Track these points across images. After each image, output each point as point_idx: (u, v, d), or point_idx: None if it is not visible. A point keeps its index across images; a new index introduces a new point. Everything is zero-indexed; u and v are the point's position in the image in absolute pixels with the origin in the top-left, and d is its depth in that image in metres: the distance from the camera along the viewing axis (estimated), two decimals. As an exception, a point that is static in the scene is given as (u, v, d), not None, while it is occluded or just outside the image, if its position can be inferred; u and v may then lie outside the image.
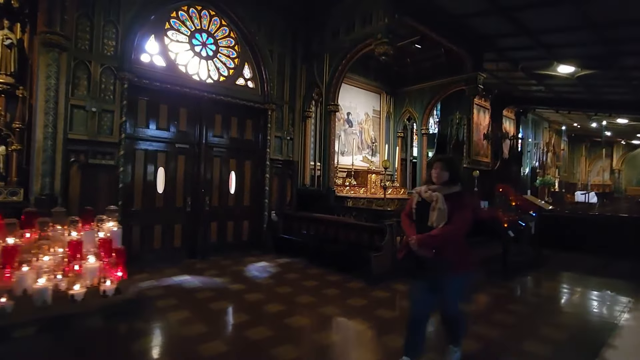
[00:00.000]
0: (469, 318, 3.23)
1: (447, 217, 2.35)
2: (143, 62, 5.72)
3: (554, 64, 8.68)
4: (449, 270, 2.38)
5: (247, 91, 7.02)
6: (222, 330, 3.35)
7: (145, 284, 4.64)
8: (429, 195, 2.48)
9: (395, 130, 9.75)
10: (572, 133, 18.94)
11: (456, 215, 2.36)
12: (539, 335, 3.43)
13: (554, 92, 11.48)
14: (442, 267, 2.38)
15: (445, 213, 2.36)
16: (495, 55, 8.53)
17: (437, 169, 2.50)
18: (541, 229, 6.82)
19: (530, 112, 15.26)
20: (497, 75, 10.33)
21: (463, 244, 2.48)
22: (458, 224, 2.35)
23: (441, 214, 2.37)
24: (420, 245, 2.40)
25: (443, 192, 2.43)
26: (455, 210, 2.37)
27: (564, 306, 4.51)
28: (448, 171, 2.49)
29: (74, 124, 4.95)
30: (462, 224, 2.36)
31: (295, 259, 6.20)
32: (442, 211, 2.37)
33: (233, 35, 6.86)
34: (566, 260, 6.84)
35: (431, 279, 2.45)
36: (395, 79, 9.58)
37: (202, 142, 6.41)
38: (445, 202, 2.38)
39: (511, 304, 4.31)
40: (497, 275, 5.44)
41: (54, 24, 3.92)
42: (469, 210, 2.42)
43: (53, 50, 3.94)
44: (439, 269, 2.38)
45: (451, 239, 2.38)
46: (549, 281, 5.56)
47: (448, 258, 2.37)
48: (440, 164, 2.52)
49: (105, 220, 2.69)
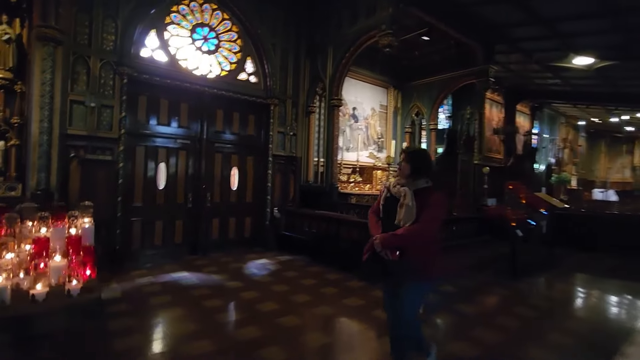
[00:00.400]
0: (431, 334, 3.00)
1: (415, 215, 2.12)
2: (143, 56, 5.67)
3: (571, 55, 8.29)
4: (410, 275, 2.14)
5: (250, 86, 6.92)
6: (211, 330, 3.27)
7: (143, 280, 4.63)
8: (397, 190, 2.24)
9: (403, 126, 9.52)
10: (591, 128, 18.23)
11: (424, 214, 2.11)
12: (545, 341, 3.23)
13: (571, 85, 11.02)
14: (403, 271, 2.15)
15: (413, 211, 2.13)
16: (507, 47, 8.21)
17: (402, 161, 2.30)
18: (554, 228, 6.52)
19: (546, 106, 14.74)
20: (510, 68, 9.97)
21: (431, 247, 2.22)
22: (426, 223, 2.10)
23: (409, 211, 2.13)
24: (383, 245, 2.16)
25: (412, 188, 2.18)
26: (424, 208, 2.12)
27: (574, 310, 4.28)
28: (409, 163, 2.23)
29: (74, 119, 4.95)
30: (430, 224, 2.12)
31: (297, 257, 6.11)
32: (410, 208, 2.13)
33: (235, 29, 6.76)
34: (580, 261, 6.54)
35: (395, 284, 2.25)
36: (403, 72, 9.34)
37: (204, 137, 6.35)
38: (415, 199, 2.15)
39: (517, 307, 4.10)
40: (504, 276, 5.22)
41: (48, 17, 3.89)
42: (438, 208, 2.19)
43: (48, 44, 3.91)
44: (401, 273, 2.16)
45: (418, 240, 2.14)
46: (559, 283, 5.30)
47: (411, 261, 2.12)
48: (403, 156, 2.31)
49: (79, 217, 2.62)
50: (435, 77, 8.82)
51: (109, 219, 5.19)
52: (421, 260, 2.13)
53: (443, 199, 2.21)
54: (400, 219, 2.16)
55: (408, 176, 2.22)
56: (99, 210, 5.09)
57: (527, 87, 12.05)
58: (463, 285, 4.82)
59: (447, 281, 4.73)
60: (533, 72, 10.29)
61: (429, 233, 2.14)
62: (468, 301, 4.24)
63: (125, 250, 5.39)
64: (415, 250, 2.12)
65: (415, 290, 2.20)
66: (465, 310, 4.02)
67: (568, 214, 7.19)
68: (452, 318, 3.79)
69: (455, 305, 4.14)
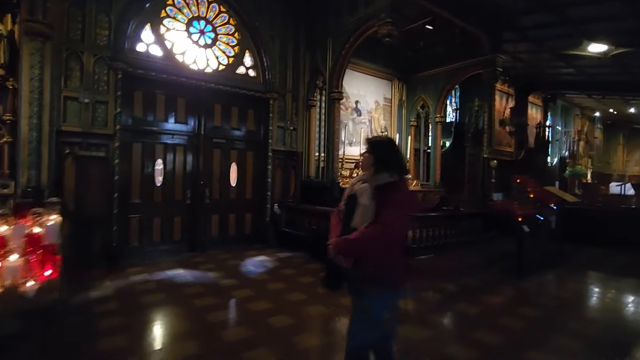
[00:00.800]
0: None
1: (373, 215, 1.80)
2: (138, 51, 5.59)
3: (584, 42, 7.91)
4: (367, 284, 1.84)
5: (248, 80, 6.80)
6: (199, 330, 3.17)
7: (137, 278, 4.58)
8: (358, 187, 1.94)
9: (408, 119, 9.26)
10: (608, 120, 17.56)
11: (384, 214, 1.78)
12: (549, 345, 3.04)
13: (585, 74, 10.56)
14: (359, 279, 1.85)
15: (370, 210, 1.81)
16: (515, 35, 7.87)
17: (364, 152, 2.01)
18: (564, 223, 6.26)
19: (560, 97, 14.23)
20: (519, 57, 9.61)
21: (393, 252, 1.88)
22: (384, 224, 1.77)
23: (365, 211, 1.82)
24: (336, 250, 1.87)
25: (374, 183, 1.84)
26: (384, 207, 1.79)
27: (583, 310, 4.04)
28: (372, 155, 1.91)
29: (68, 116, 4.92)
30: (389, 225, 1.77)
31: (297, 253, 5.99)
32: (366, 208, 1.82)
33: (232, 22, 6.63)
34: (591, 258, 6.25)
35: (353, 294, 1.96)
36: (407, 64, 9.07)
37: (201, 133, 6.26)
38: (376, 197, 1.82)
39: (522, 307, 3.89)
40: (510, 274, 5.00)
41: (36, 12, 3.83)
42: (400, 207, 1.82)
43: (36, 39, 3.86)
44: (357, 281, 1.87)
45: (375, 244, 1.80)
46: (568, 281, 5.06)
47: (368, 269, 1.82)
48: (366, 147, 2.00)
49: (44, 214, 2.54)
50: (440, 68, 8.53)
51: (105, 216, 5.16)
52: (380, 267, 1.83)
53: (407, 196, 1.95)
54: (357, 221, 1.84)
55: (370, 170, 1.90)
56: (94, 207, 5.13)
57: (538, 78, 11.63)
58: (466, 284, 4.63)
59: (418, 291, 4.39)
60: (544, 61, 9.90)
61: (388, 235, 1.79)
62: (470, 301, 4.06)
63: (122, 247, 5.36)
64: (373, 255, 1.82)
65: (374, 301, 1.86)
66: (466, 310, 3.84)
67: (579, 209, 6.88)
68: (452, 319, 3.63)
69: (456, 305, 3.97)
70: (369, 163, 1.91)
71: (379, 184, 1.82)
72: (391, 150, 1.94)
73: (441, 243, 5.55)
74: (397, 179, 1.85)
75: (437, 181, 8.71)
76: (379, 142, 2.00)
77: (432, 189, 8.48)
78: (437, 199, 8.28)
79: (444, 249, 5.53)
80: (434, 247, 5.42)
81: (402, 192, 1.88)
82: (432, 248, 5.40)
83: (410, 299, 4.24)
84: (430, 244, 5.40)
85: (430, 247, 5.39)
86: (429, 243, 5.39)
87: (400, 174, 1.89)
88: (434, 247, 5.42)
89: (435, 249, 5.44)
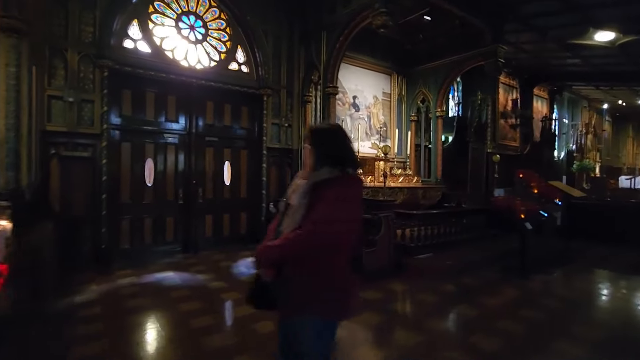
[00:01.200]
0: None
1: (302, 218, 1.45)
2: (125, 48, 5.44)
3: (590, 30, 7.60)
4: (292, 305, 1.47)
5: (241, 76, 6.62)
6: (179, 336, 3.02)
7: (125, 281, 4.45)
8: (294, 184, 1.63)
9: (408, 114, 9.03)
10: (616, 112, 17.11)
11: (313, 214, 1.43)
12: (552, 350, 2.84)
13: (592, 65, 10.22)
14: (283, 298, 1.49)
15: (299, 212, 1.46)
16: (518, 25, 7.60)
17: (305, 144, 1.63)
18: (570, 219, 6.00)
19: (566, 89, 13.84)
20: (523, 48, 9.31)
21: (329, 267, 1.46)
22: (308, 228, 1.40)
23: (294, 213, 1.48)
24: (257, 259, 1.53)
25: (313, 180, 1.48)
26: (315, 207, 1.44)
27: (591, 312, 3.79)
28: (313, 147, 1.56)
29: (53, 116, 4.80)
30: (318, 228, 1.39)
31: (292, 253, 5.81)
32: (295, 209, 1.48)
33: (224, 16, 6.46)
34: (599, 255, 5.98)
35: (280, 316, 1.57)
36: (407, 57, 8.82)
37: (193, 131, 6.11)
38: (310, 195, 1.47)
39: (523, 309, 3.68)
40: (513, 273, 4.78)
41: (10, 7, 3.68)
42: (335, 206, 1.42)
43: (11, 35, 3.71)
44: (282, 300, 1.50)
45: (302, 252, 1.42)
46: (575, 280, 4.82)
47: (292, 284, 1.46)
48: (306, 137, 1.65)
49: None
50: (441, 60, 8.28)
51: (94, 218, 5.04)
52: (308, 282, 1.44)
53: (351, 194, 1.50)
54: (285, 225, 1.51)
55: (311, 164, 1.55)
56: (82, 209, 5.01)
57: (544, 69, 11.30)
58: (466, 284, 4.42)
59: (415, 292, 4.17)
60: (549, 52, 9.58)
61: (318, 241, 1.40)
62: (469, 302, 3.85)
63: (112, 249, 5.23)
64: (299, 267, 1.44)
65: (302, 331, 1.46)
66: (465, 312, 3.64)
67: (586, 204, 6.60)
68: (449, 322, 3.42)
69: (454, 307, 3.77)
70: (310, 156, 1.56)
71: (317, 180, 1.47)
72: (336, 140, 1.57)
73: (441, 241, 5.33)
74: (341, 174, 1.49)
75: (438, 177, 8.48)
76: (320, 131, 1.63)
77: (434, 185, 8.25)
78: (439, 195, 8.07)
79: (444, 248, 5.31)
80: (432, 245, 5.21)
81: (344, 189, 1.47)
82: (431, 247, 5.19)
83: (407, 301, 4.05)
84: (429, 242, 5.19)
85: (429, 245, 5.18)
86: (427, 242, 5.18)
87: (345, 168, 1.52)
88: (432, 245, 5.21)
89: (435, 247, 5.23)
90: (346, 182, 1.49)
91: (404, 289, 4.28)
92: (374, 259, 4.44)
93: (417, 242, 5.07)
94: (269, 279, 1.49)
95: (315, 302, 1.44)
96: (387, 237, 4.60)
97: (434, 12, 7.01)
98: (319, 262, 1.44)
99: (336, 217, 1.41)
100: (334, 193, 1.43)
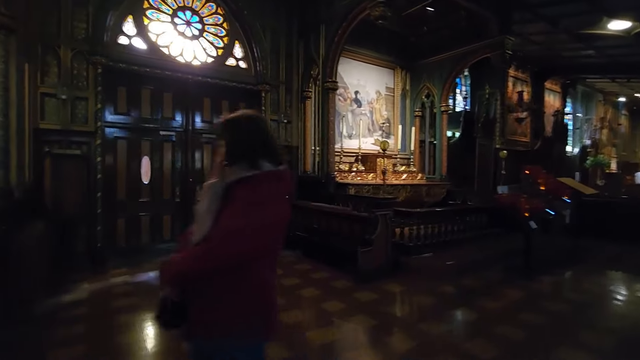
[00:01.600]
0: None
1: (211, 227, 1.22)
2: (120, 44, 5.38)
3: (603, 19, 7.24)
4: (197, 328, 1.26)
5: (239, 72, 6.51)
6: (159, 339, 2.93)
7: (118, 280, 4.41)
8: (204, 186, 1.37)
9: (412, 109, 8.79)
10: (634, 105, 16.45)
11: (221, 222, 1.20)
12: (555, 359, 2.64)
13: (607, 55, 9.77)
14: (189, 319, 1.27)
15: (207, 219, 1.23)
16: (527, 15, 7.28)
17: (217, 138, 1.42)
18: (582, 217, 5.73)
19: (580, 82, 13.35)
20: (533, 39, 8.95)
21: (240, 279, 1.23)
22: (207, 245, 1.18)
23: (201, 221, 1.25)
24: (161, 277, 1.30)
25: (227, 180, 1.25)
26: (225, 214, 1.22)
27: (600, 318, 3.54)
28: (225, 139, 1.33)
29: (46, 113, 4.77)
30: (215, 245, 1.17)
31: (290, 252, 5.70)
32: (203, 216, 1.25)
33: (221, 11, 6.35)
34: (611, 255, 5.70)
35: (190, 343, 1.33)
36: (411, 51, 8.57)
37: (189, 128, 6.04)
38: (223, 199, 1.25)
39: (525, 312, 3.48)
40: (517, 274, 4.56)
41: (-4, 3, 3.66)
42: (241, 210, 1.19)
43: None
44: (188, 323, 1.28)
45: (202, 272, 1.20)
46: (584, 281, 4.57)
47: (200, 305, 1.24)
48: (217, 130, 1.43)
49: None
50: (446, 53, 8.00)
51: (89, 216, 5.01)
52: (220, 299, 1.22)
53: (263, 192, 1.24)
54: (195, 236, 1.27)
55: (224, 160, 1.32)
56: (76, 207, 4.98)
57: (555, 62, 10.87)
58: (465, 285, 4.24)
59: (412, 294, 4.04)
60: (561, 43, 9.19)
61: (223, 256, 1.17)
62: (467, 304, 3.68)
63: (108, 248, 5.19)
64: (207, 282, 1.21)
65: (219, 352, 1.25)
66: (462, 316, 3.47)
67: (598, 201, 6.30)
68: (444, 326, 3.25)
69: (451, 310, 3.59)
70: (223, 151, 1.33)
71: (229, 180, 1.24)
72: (251, 131, 1.33)
73: (441, 240, 5.14)
74: (259, 172, 1.26)
75: (443, 174, 8.24)
76: (232, 122, 1.36)
77: (438, 182, 8.02)
78: (443, 192, 7.84)
79: (445, 247, 5.12)
80: (433, 244, 5.02)
81: (260, 189, 1.24)
82: (431, 246, 5.01)
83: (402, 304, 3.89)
84: (429, 241, 5.01)
85: (429, 245, 5.00)
86: (427, 241, 5.00)
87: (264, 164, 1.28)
88: (433, 244, 5.02)
89: (436, 246, 5.05)
90: (264, 181, 1.26)
91: (400, 290, 4.11)
92: (370, 258, 4.28)
93: (416, 241, 4.89)
94: (174, 297, 1.25)
95: (231, 321, 1.23)
96: (384, 236, 4.43)
97: (439, 3, 6.76)
98: (234, 276, 1.22)
99: (250, 224, 1.17)
100: (247, 195, 1.21)
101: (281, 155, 1.37)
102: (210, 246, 1.17)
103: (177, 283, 1.26)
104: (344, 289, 4.04)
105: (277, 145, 1.38)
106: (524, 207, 4.39)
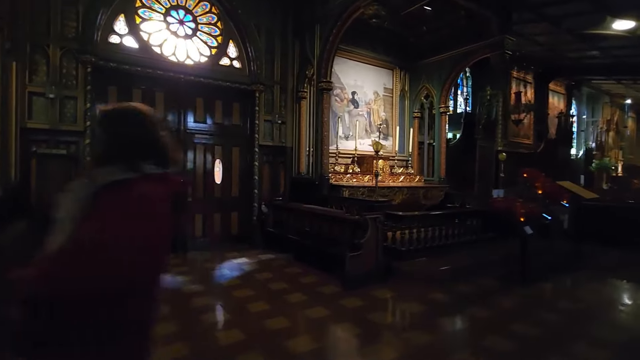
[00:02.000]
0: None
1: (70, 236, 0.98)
2: (111, 43, 5.33)
3: (607, 19, 7.06)
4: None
5: (233, 72, 6.43)
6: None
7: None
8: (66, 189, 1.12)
9: (411, 110, 8.65)
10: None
11: (78, 232, 0.96)
12: (541, 374, 2.50)
13: (612, 56, 9.57)
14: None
15: (66, 230, 0.99)
16: (529, 14, 7.13)
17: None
18: (582, 222, 5.56)
19: (585, 84, 13.11)
20: (536, 40, 8.78)
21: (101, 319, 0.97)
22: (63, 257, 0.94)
23: (60, 229, 1.00)
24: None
25: (98, 182, 1.01)
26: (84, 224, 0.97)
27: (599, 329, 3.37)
28: (101, 135, 1.15)
29: (34, 113, 4.73)
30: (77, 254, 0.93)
31: (281, 255, 5.60)
32: (61, 225, 1.00)
33: (215, 10, 6.28)
34: (612, 261, 5.51)
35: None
36: (410, 51, 8.43)
37: (181, 128, 5.97)
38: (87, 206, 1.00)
39: (518, 322, 3.32)
40: (512, 280, 4.40)
41: (-20, 1, 3.62)
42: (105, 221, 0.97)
43: (-18, 30, 3.65)
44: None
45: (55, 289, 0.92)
46: (583, 289, 4.41)
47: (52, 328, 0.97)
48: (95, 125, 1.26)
49: None
50: (445, 54, 7.86)
51: (76, 217, 4.94)
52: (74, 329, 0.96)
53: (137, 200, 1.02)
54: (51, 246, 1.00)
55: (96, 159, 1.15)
56: (63, 208, 4.92)
57: (559, 63, 10.67)
58: (458, 292, 4.09)
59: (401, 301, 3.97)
60: (565, 43, 9.01)
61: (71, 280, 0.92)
62: (459, 312, 3.54)
63: (96, 249, 5.13)
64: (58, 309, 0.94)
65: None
66: (451, 325, 3.33)
67: (599, 206, 6.11)
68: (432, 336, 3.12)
69: (441, 319, 3.45)
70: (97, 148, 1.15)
71: (100, 184, 1.00)
72: (133, 126, 1.12)
73: (436, 245, 5.00)
74: (139, 175, 1.05)
75: (441, 176, 8.09)
76: (111, 113, 1.16)
77: (436, 184, 7.87)
78: (441, 195, 7.69)
79: (439, 252, 4.98)
80: (427, 249, 4.88)
81: (135, 197, 1.02)
82: (425, 250, 4.87)
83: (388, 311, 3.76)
84: (422, 246, 4.87)
85: (422, 249, 4.86)
86: (421, 245, 4.85)
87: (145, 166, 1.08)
88: (427, 249, 4.88)
89: (429, 251, 4.90)
90: (142, 187, 1.04)
91: (390, 297, 3.98)
92: (359, 263, 4.16)
93: (409, 245, 4.76)
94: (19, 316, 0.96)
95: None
96: (375, 240, 4.31)
97: (438, 2, 6.62)
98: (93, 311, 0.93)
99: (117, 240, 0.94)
100: (118, 203, 0.99)
101: (173, 157, 1.18)
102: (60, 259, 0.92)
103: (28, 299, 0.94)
104: (331, 295, 3.92)
105: (167, 145, 1.17)
106: (520, 211, 4.24)
